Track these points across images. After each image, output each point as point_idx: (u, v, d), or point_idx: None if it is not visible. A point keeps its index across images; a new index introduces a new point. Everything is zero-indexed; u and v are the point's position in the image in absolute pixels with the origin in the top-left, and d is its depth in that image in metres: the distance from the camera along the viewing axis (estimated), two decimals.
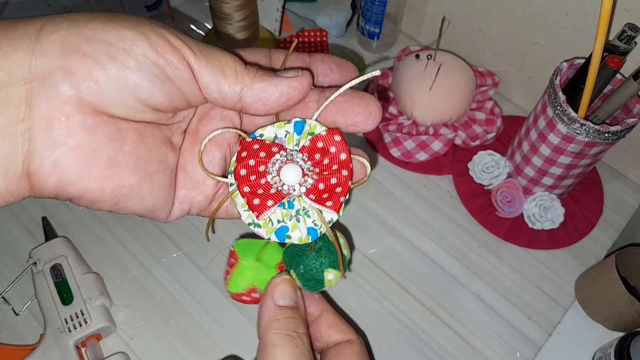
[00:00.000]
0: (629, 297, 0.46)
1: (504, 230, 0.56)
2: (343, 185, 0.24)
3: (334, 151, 0.24)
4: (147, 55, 0.20)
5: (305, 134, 0.25)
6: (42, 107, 0.19)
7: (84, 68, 0.19)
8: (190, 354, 0.49)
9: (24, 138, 0.19)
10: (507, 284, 0.53)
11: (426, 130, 0.60)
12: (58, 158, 0.20)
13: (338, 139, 0.25)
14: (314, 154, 0.25)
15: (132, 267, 0.53)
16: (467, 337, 0.50)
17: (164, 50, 0.21)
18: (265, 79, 0.23)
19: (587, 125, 0.45)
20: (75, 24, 0.20)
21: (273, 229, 0.25)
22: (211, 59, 0.22)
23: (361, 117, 0.25)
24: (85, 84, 0.20)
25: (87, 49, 0.19)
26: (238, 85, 0.22)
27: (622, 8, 0.49)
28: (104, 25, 0.20)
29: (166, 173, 0.24)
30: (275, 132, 0.25)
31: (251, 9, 0.64)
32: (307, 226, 0.24)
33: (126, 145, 0.22)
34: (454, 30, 0.65)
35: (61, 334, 0.46)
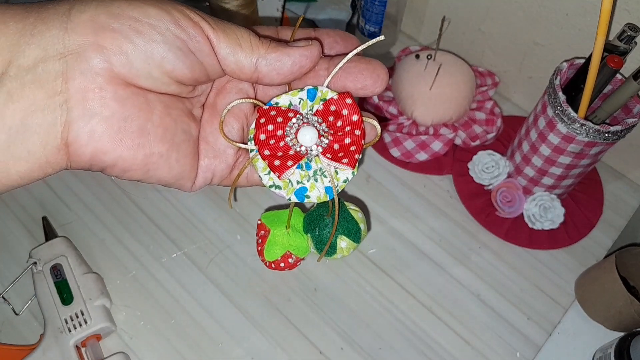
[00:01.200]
0: (629, 297, 0.46)
1: (504, 230, 0.56)
2: (357, 144, 0.26)
3: (346, 113, 0.26)
4: (170, 30, 0.22)
5: (318, 99, 0.26)
6: (77, 80, 0.21)
7: (114, 42, 0.21)
8: (190, 354, 0.49)
9: (61, 110, 0.20)
10: (507, 284, 0.53)
11: (426, 130, 0.60)
12: (94, 127, 0.21)
13: (349, 102, 0.26)
14: (328, 117, 0.26)
15: (132, 267, 0.53)
16: (467, 337, 0.50)
17: (186, 24, 0.22)
18: (278, 49, 0.24)
19: (587, 125, 0.45)
20: (103, 3, 0.21)
21: (293, 189, 0.26)
22: (228, 33, 0.23)
23: (370, 81, 0.26)
24: (116, 57, 0.21)
25: (115, 25, 0.21)
26: (254, 55, 0.24)
27: (622, 8, 0.49)
28: (129, 4, 0.21)
29: (190, 143, 0.25)
30: (289, 99, 0.27)
31: (251, 9, 0.64)
32: (324, 185, 0.26)
33: (154, 115, 0.23)
34: (454, 30, 0.65)
35: (61, 334, 0.46)
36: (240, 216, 0.57)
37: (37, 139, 0.20)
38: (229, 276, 0.53)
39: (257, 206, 0.57)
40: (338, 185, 0.26)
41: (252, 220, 0.57)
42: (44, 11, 0.21)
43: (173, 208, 0.57)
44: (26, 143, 0.20)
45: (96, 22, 0.21)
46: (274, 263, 0.36)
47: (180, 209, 0.57)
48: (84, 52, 0.21)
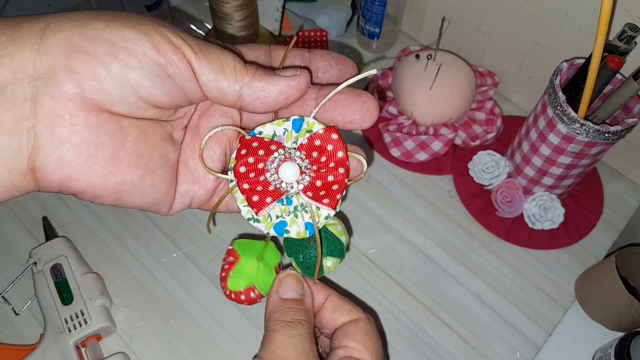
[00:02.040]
0: (629, 297, 0.46)
1: (504, 230, 0.56)
2: (340, 182, 0.25)
3: (331, 149, 0.25)
4: (148, 55, 0.21)
5: (303, 131, 0.26)
6: (47, 105, 0.20)
7: (87, 67, 0.20)
8: (190, 354, 0.49)
9: (29, 135, 0.20)
10: (507, 284, 0.53)
11: (426, 130, 0.60)
12: (62, 154, 0.20)
13: (335, 137, 0.25)
14: (312, 152, 0.25)
15: (132, 267, 0.53)
16: (467, 337, 0.50)
17: (165, 49, 0.21)
18: (264, 78, 0.23)
19: (587, 125, 0.45)
20: (79, 23, 0.20)
21: (272, 224, 0.25)
22: (211, 58, 0.22)
23: (358, 115, 0.25)
24: (89, 83, 0.20)
25: (90, 48, 0.20)
26: (237, 84, 0.23)
27: (622, 8, 0.49)
28: (107, 25, 0.20)
29: (167, 168, 0.25)
30: (274, 129, 0.26)
31: (251, 9, 0.64)
32: (304, 221, 0.25)
33: (128, 142, 0.22)
34: (454, 30, 0.65)
35: (61, 334, 0.46)
36: (240, 216, 0.57)
37: (2, 163, 0.19)
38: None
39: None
40: (319, 222, 0.25)
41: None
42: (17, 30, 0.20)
43: None
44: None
45: (69, 45, 0.20)
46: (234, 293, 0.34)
47: None
48: (55, 76, 0.20)
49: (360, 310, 0.31)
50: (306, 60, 0.27)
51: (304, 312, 0.29)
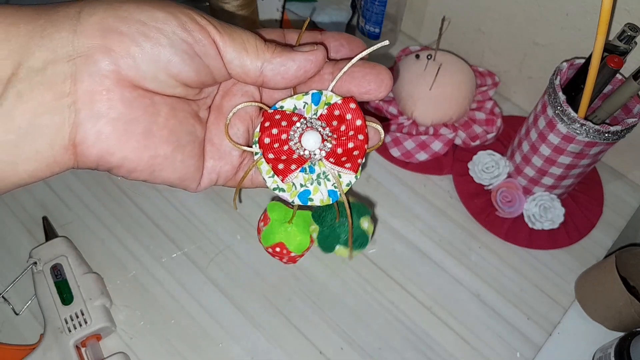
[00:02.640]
0: (629, 297, 0.46)
1: (504, 230, 0.56)
2: (360, 148, 0.26)
3: (350, 118, 0.26)
4: (177, 33, 0.22)
5: (322, 103, 0.27)
6: (85, 82, 0.21)
7: (122, 45, 0.21)
8: (190, 354, 0.49)
9: (69, 111, 0.21)
10: (507, 284, 0.53)
11: (426, 130, 0.60)
12: (100, 129, 0.22)
13: (353, 106, 0.26)
14: (332, 121, 0.26)
15: (132, 267, 0.53)
16: (467, 337, 0.50)
17: (192, 28, 0.23)
18: (283, 54, 0.24)
19: (587, 125, 0.45)
20: (112, 6, 0.22)
21: (296, 192, 0.27)
22: (234, 37, 0.24)
23: (374, 85, 0.27)
24: (123, 60, 0.21)
25: (123, 28, 0.21)
26: (259, 60, 0.24)
27: (622, 8, 0.49)
28: (137, 6, 0.22)
29: (195, 144, 0.26)
30: (294, 103, 0.27)
31: (251, 9, 0.64)
32: (327, 189, 0.27)
33: (160, 117, 0.23)
34: (454, 30, 0.65)
35: (61, 334, 0.46)
36: (240, 216, 0.57)
37: (46, 139, 0.21)
38: (229, 276, 0.53)
39: (257, 206, 0.57)
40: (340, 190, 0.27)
41: (252, 220, 0.57)
42: (54, 13, 0.21)
43: (173, 208, 0.57)
44: (35, 143, 0.21)
45: (104, 25, 0.21)
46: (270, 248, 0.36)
47: (180, 209, 0.57)
48: (92, 54, 0.21)
49: None
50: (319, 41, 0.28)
51: None
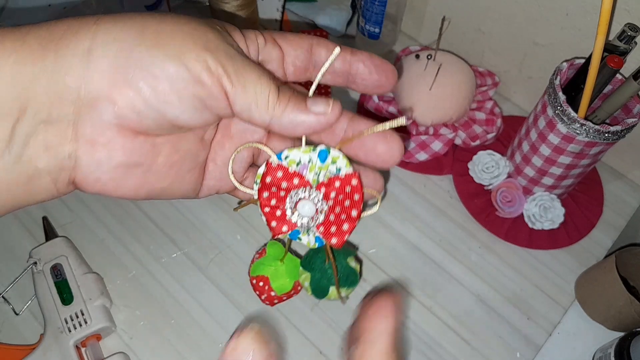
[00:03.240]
0: (629, 297, 0.46)
1: (504, 230, 0.56)
2: (350, 223, 0.27)
3: (349, 190, 0.26)
4: (188, 89, 0.22)
5: (327, 165, 0.27)
6: (87, 131, 0.21)
7: (128, 100, 0.21)
8: (190, 354, 0.49)
9: (70, 158, 0.22)
10: (507, 284, 0.53)
11: (426, 130, 0.60)
12: (99, 175, 0.22)
13: (355, 182, 0.26)
14: (330, 192, 0.27)
15: (132, 267, 0.53)
16: (467, 338, 0.50)
17: (206, 80, 0.22)
18: (294, 112, 0.23)
19: (587, 125, 0.45)
20: (123, 48, 0.21)
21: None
22: (247, 89, 0.22)
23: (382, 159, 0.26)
24: (126, 114, 0.21)
25: (132, 79, 0.21)
26: (268, 115, 0.23)
27: (622, 8, 0.49)
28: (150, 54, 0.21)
29: (196, 170, 0.26)
30: (300, 156, 0.27)
31: (251, 9, 0.64)
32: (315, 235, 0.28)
33: (160, 157, 0.24)
34: (454, 30, 0.65)
35: (61, 334, 0.46)
36: (240, 216, 0.57)
37: (50, 179, 0.22)
38: (229, 276, 0.53)
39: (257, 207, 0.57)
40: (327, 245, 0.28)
41: (252, 220, 0.57)
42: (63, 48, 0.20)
43: (173, 208, 0.57)
44: (40, 182, 0.22)
45: (114, 73, 0.21)
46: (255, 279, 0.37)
47: (181, 209, 0.57)
48: (97, 104, 0.21)
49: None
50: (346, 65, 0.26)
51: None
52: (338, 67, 0.26)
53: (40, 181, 0.22)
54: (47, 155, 0.21)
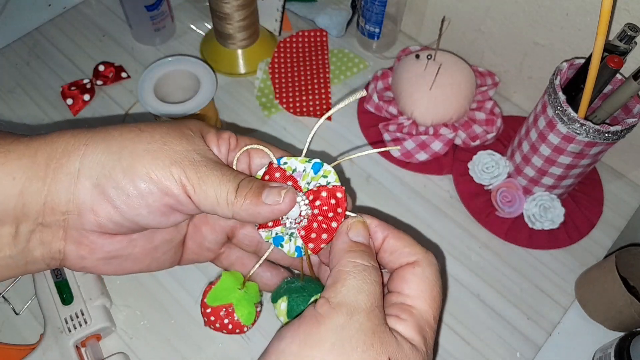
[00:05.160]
0: (629, 297, 0.46)
1: (504, 230, 0.56)
2: (329, 233, 0.29)
3: (334, 203, 0.29)
4: (157, 200, 0.26)
5: (319, 176, 0.29)
6: (74, 233, 0.27)
7: (106, 214, 0.26)
8: (190, 354, 0.49)
9: (60, 253, 0.27)
10: (507, 284, 0.53)
11: (426, 130, 0.60)
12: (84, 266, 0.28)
13: (340, 195, 0.29)
14: (316, 201, 0.29)
15: None
16: (468, 338, 0.50)
17: (172, 191, 0.26)
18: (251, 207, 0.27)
19: (587, 125, 0.45)
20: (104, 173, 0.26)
21: (271, 236, 0.30)
22: (208, 193, 0.27)
23: None
24: (106, 223, 0.26)
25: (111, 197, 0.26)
26: (229, 211, 0.27)
27: (622, 8, 0.49)
28: (124, 175, 0.26)
29: (172, 251, 0.31)
30: (296, 165, 0.30)
31: (251, 9, 0.64)
32: (295, 245, 0.30)
33: (136, 249, 0.29)
34: (454, 30, 0.65)
35: (61, 334, 0.46)
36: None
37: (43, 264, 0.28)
38: None
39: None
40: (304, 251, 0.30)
41: None
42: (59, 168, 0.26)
43: None
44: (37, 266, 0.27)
45: (96, 192, 0.26)
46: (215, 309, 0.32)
47: None
48: (81, 214, 0.26)
49: (421, 250, 0.29)
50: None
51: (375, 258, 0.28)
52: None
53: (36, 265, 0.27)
54: (42, 248, 0.27)
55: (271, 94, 0.66)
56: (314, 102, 0.65)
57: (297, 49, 0.70)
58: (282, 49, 0.70)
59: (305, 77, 0.68)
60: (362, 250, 0.27)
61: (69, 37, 0.72)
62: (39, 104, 0.65)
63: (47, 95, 0.66)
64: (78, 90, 0.64)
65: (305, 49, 0.70)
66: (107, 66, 0.66)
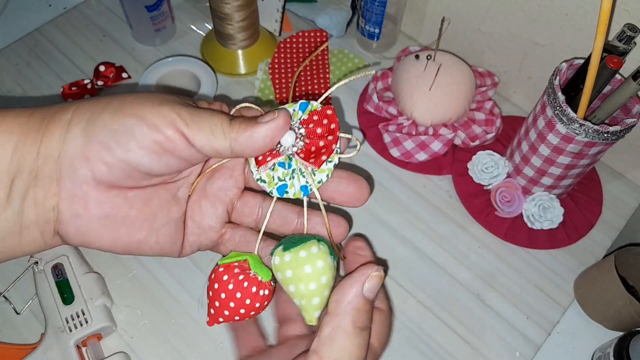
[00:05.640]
0: (628, 296, 0.46)
1: (504, 230, 0.56)
2: (327, 147, 0.29)
3: (326, 122, 0.29)
4: (146, 136, 0.25)
5: (307, 112, 0.30)
6: (67, 186, 0.25)
7: (97, 154, 0.25)
8: (191, 354, 0.49)
9: (54, 211, 0.26)
10: (506, 284, 0.54)
11: (426, 131, 0.60)
12: (78, 226, 0.26)
13: (330, 112, 0.29)
14: (309, 124, 0.29)
15: (132, 266, 0.53)
16: (467, 337, 0.50)
17: (161, 127, 0.25)
18: (247, 129, 0.27)
19: (587, 125, 0.45)
20: (93, 116, 0.26)
21: (275, 184, 0.30)
22: (202, 126, 0.26)
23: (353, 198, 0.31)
24: (98, 167, 0.25)
25: (99, 137, 0.25)
26: (227, 140, 0.27)
27: (621, 8, 0.49)
28: (113, 115, 0.25)
29: (171, 225, 0.29)
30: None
31: (251, 9, 0.64)
32: (300, 184, 0.29)
33: (133, 210, 0.27)
34: (454, 30, 0.66)
35: (62, 334, 0.46)
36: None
37: (38, 231, 0.26)
38: None
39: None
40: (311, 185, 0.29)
41: None
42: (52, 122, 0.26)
43: None
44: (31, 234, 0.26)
45: (85, 135, 0.25)
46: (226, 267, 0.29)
47: None
48: (73, 162, 0.25)
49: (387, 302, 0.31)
50: None
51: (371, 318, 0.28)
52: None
53: (30, 232, 0.25)
54: (35, 209, 0.25)
55: (271, 95, 0.66)
56: None
57: (297, 49, 0.70)
58: (282, 49, 0.70)
59: (305, 78, 0.68)
60: (367, 311, 0.27)
61: (69, 37, 0.72)
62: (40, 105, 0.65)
63: (47, 95, 0.66)
64: (79, 91, 0.65)
65: (305, 50, 0.70)
66: (107, 66, 0.66)
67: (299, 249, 0.28)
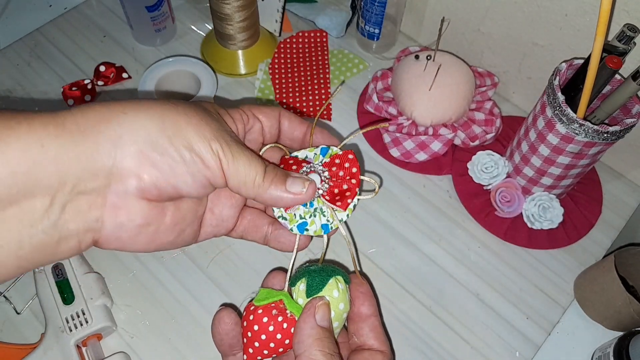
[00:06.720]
0: (628, 296, 0.46)
1: (504, 230, 0.56)
2: (351, 190, 0.30)
3: (348, 166, 0.31)
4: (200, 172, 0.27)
5: (328, 155, 0.32)
6: (113, 198, 0.26)
7: (152, 177, 0.26)
8: (191, 354, 0.49)
9: (97, 221, 0.26)
10: (506, 284, 0.54)
11: (426, 131, 0.60)
12: (120, 235, 0.27)
13: (351, 157, 0.31)
14: (332, 167, 0.32)
15: (133, 266, 0.53)
16: (467, 337, 0.50)
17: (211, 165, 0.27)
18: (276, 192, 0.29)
19: (586, 125, 0.45)
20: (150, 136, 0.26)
21: (296, 221, 0.31)
22: (239, 170, 0.28)
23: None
24: (150, 188, 0.26)
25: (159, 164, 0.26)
26: (253, 192, 0.29)
27: (621, 9, 0.49)
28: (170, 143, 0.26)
29: (195, 223, 0.31)
30: (306, 153, 0.33)
31: (251, 10, 0.64)
32: (321, 222, 0.31)
33: (167, 217, 0.29)
34: (454, 30, 0.66)
35: (62, 333, 0.46)
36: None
37: (76, 240, 0.26)
38: (229, 275, 0.53)
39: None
40: (332, 223, 0.31)
41: None
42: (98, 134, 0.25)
43: None
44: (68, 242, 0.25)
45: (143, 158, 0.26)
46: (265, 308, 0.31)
47: None
48: (125, 178, 0.26)
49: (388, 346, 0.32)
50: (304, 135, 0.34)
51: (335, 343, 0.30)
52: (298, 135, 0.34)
53: (68, 242, 0.25)
54: (77, 219, 0.25)
55: (271, 95, 0.66)
56: (313, 103, 0.66)
57: (297, 49, 0.70)
58: (282, 49, 0.70)
59: (306, 78, 0.68)
60: (327, 337, 0.29)
61: (69, 37, 0.72)
62: (40, 105, 0.65)
63: (48, 95, 0.66)
64: (79, 91, 0.65)
65: (305, 50, 0.70)
66: (108, 67, 0.66)
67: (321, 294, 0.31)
